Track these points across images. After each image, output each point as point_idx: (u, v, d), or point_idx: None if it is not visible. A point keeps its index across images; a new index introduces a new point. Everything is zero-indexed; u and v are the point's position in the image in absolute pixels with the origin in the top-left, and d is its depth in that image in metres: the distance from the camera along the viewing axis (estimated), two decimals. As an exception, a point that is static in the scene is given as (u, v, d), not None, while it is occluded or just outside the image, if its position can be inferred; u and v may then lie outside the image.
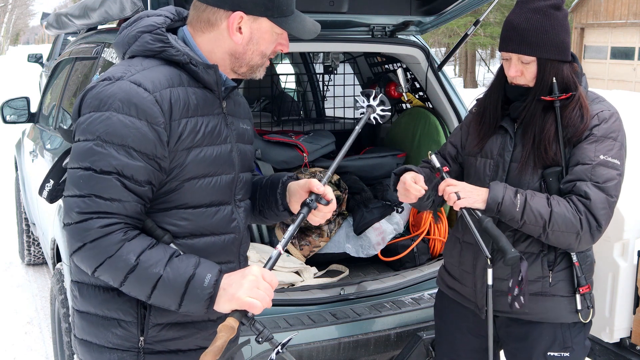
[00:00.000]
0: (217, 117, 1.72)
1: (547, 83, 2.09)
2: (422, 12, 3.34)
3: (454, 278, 2.37)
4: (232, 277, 1.60)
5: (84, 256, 1.55)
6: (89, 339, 1.73)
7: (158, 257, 1.56)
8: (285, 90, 5.37)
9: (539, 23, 2.05)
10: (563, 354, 2.17)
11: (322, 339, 2.67)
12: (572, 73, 2.12)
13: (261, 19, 1.67)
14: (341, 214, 3.54)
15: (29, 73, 22.47)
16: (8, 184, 7.58)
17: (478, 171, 2.25)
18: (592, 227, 2.02)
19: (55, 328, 3.46)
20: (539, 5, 2.06)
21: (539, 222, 2.02)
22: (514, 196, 2.03)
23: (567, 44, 2.09)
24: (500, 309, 2.21)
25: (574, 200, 2.03)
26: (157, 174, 1.60)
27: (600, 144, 2.06)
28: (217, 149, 1.70)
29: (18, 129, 5.76)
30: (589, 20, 26.94)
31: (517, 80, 2.14)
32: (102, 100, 1.56)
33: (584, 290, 2.14)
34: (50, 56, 12.90)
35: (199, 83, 1.69)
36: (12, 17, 67.11)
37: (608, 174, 2.04)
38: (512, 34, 2.09)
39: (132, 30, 1.70)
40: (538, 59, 2.07)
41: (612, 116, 2.11)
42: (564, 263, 2.16)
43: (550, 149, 2.09)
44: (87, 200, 1.53)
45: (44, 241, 4.26)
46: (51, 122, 4.24)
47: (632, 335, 2.54)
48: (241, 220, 1.82)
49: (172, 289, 1.55)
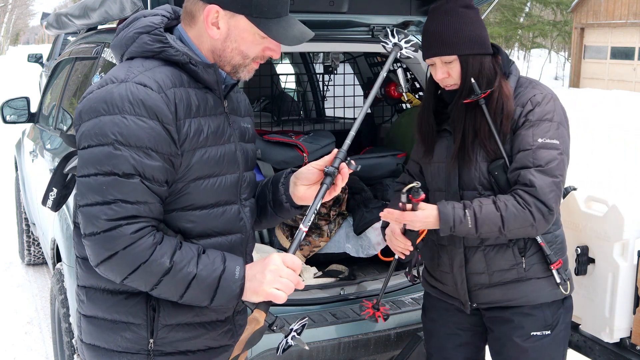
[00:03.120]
0: (220, 117, 1.71)
1: (470, 80, 2.15)
2: (422, 12, 3.34)
3: (436, 279, 2.45)
4: (255, 268, 1.61)
5: (115, 264, 1.53)
6: (97, 344, 1.72)
7: (189, 256, 1.56)
8: (285, 90, 5.37)
9: (452, 23, 2.14)
10: (545, 332, 2.26)
11: (322, 339, 2.67)
12: (495, 65, 2.20)
13: (238, 16, 1.63)
14: (341, 214, 3.54)
15: (29, 73, 22.46)
16: (8, 184, 7.57)
17: (434, 176, 2.35)
18: (544, 213, 2.08)
19: (55, 328, 3.46)
20: (449, 7, 2.16)
21: (493, 230, 2.10)
22: (463, 215, 2.09)
23: (483, 37, 2.17)
24: (482, 301, 2.31)
25: (520, 194, 2.09)
26: (172, 173, 1.59)
27: (537, 128, 2.12)
28: (222, 149, 1.69)
29: (18, 129, 5.76)
30: (589, 20, 26.95)
31: (445, 82, 2.21)
32: (110, 103, 1.53)
33: (556, 266, 2.24)
34: (50, 56, 12.90)
35: (199, 83, 1.67)
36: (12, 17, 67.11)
37: (549, 155, 2.10)
38: (430, 40, 2.18)
39: (129, 31, 1.67)
40: (459, 56, 2.15)
41: (545, 98, 2.17)
42: (534, 247, 2.25)
43: (489, 143, 2.17)
44: (114, 207, 1.51)
45: (44, 241, 4.26)
46: (51, 122, 4.24)
47: (632, 335, 2.54)
48: (247, 219, 1.81)
49: (206, 286, 1.57)
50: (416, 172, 2.48)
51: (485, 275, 2.28)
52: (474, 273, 2.29)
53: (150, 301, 1.67)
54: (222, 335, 1.80)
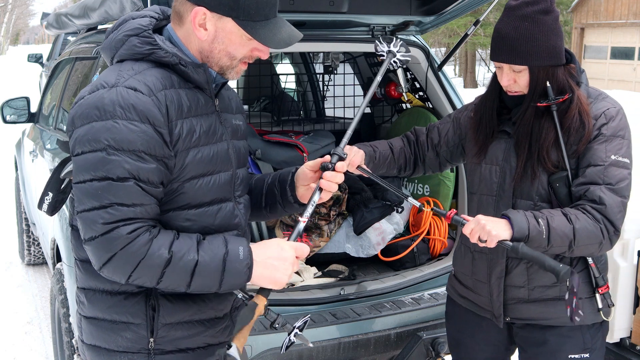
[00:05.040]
0: (211, 116, 1.72)
1: (540, 89, 2.05)
2: (422, 12, 3.34)
3: (467, 287, 2.33)
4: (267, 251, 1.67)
5: (116, 265, 1.54)
6: (97, 344, 1.74)
7: (188, 245, 1.58)
8: (285, 90, 5.37)
9: (527, 31, 2.00)
10: (583, 356, 2.15)
11: (322, 339, 2.67)
12: (567, 75, 2.08)
13: (225, 18, 1.63)
14: (341, 214, 3.54)
15: (29, 73, 22.46)
16: (8, 184, 7.57)
17: (484, 177, 2.22)
18: (610, 233, 1.99)
19: (55, 328, 3.46)
20: (527, 11, 2.00)
21: (564, 243, 1.97)
22: (538, 224, 1.95)
23: (559, 48, 2.04)
24: (517, 316, 2.20)
25: (589, 210, 1.98)
26: (166, 174, 1.61)
27: (610, 144, 2.02)
28: (214, 148, 1.71)
29: (18, 129, 5.77)
30: (589, 20, 26.95)
31: (510, 88, 2.11)
32: (101, 109, 1.54)
33: (604, 290, 2.12)
34: (50, 56, 12.89)
35: (189, 83, 1.68)
36: (12, 17, 67.09)
37: (620, 174, 2.01)
38: (501, 44, 2.04)
39: (118, 33, 1.67)
40: (530, 67, 2.03)
41: (619, 113, 2.07)
42: (580, 265, 2.13)
43: (551, 155, 2.06)
44: (110, 210, 1.52)
45: (44, 241, 4.26)
46: (51, 122, 4.24)
47: (632, 335, 2.54)
48: (242, 216, 1.83)
49: (211, 270, 1.58)
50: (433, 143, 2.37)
51: (525, 289, 2.16)
52: (512, 286, 2.17)
53: (150, 300, 1.68)
54: (220, 332, 1.82)
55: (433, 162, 2.41)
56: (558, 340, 2.15)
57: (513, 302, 2.19)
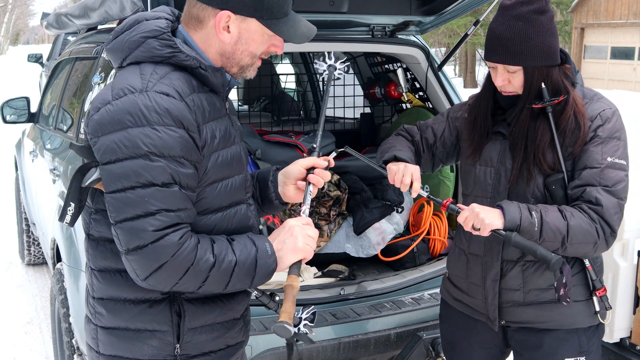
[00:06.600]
0: (224, 119, 1.72)
1: (535, 90, 2.04)
2: (422, 12, 3.34)
3: (461, 290, 2.31)
4: (280, 236, 1.69)
5: (165, 274, 1.53)
6: (119, 354, 1.71)
7: (224, 246, 1.61)
8: (285, 90, 5.37)
9: (522, 31, 1.97)
10: (579, 359, 2.13)
11: (322, 339, 2.67)
12: (562, 76, 2.06)
13: (250, 19, 1.63)
14: (341, 214, 3.54)
15: (29, 73, 22.45)
16: (8, 184, 7.58)
17: (478, 179, 2.20)
18: (607, 234, 1.97)
19: (55, 328, 3.46)
20: (521, 11, 1.98)
21: (557, 238, 1.95)
22: (530, 215, 1.95)
23: (553, 48, 2.02)
24: (512, 319, 2.19)
25: (585, 209, 1.97)
26: (198, 179, 1.61)
27: (606, 146, 2.01)
28: (231, 151, 1.70)
29: (18, 129, 5.77)
30: (589, 20, 26.95)
31: (505, 88, 2.08)
32: (135, 114, 1.51)
33: (601, 293, 2.10)
34: (50, 56, 12.88)
35: (205, 87, 1.67)
36: (12, 17, 67.12)
37: (617, 176, 1.99)
38: (495, 44, 2.02)
39: (132, 35, 1.63)
40: (524, 67, 2.02)
41: (614, 114, 2.06)
42: (577, 267, 2.11)
43: (547, 157, 2.04)
44: (159, 217, 1.50)
45: (44, 241, 4.26)
46: (51, 122, 4.24)
47: (632, 335, 2.54)
48: (254, 216, 1.84)
49: (247, 269, 1.62)
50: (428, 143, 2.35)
51: (520, 292, 2.14)
52: (507, 289, 2.15)
53: (174, 306, 1.68)
54: (237, 333, 1.83)
55: (427, 162, 2.38)
56: (553, 344, 2.14)
57: (508, 305, 2.17)
